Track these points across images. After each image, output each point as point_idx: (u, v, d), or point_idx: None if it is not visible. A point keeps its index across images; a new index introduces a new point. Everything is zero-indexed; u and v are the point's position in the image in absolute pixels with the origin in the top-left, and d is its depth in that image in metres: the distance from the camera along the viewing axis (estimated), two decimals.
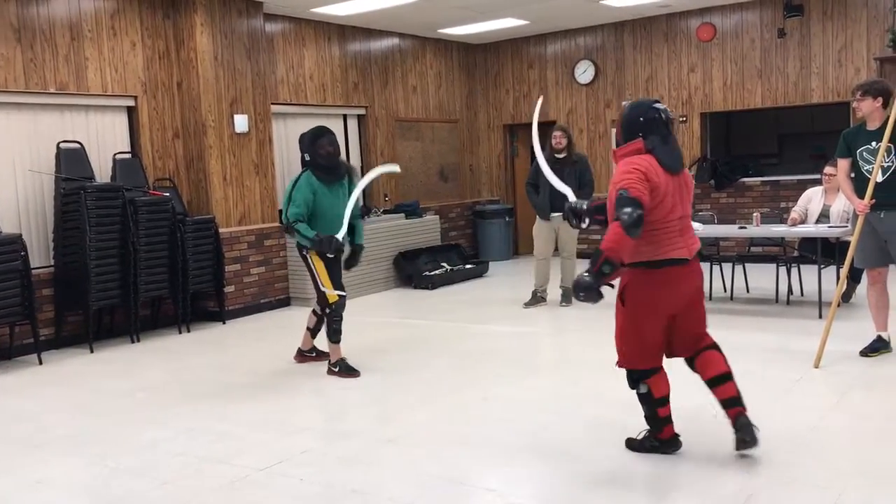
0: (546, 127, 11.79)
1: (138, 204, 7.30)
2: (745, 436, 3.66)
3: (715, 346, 3.83)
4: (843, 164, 5.49)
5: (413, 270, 9.78)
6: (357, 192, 5.69)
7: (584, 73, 11.37)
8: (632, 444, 3.97)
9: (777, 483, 3.53)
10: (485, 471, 3.91)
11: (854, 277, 7.24)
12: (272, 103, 8.89)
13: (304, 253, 5.68)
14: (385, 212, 10.19)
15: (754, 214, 7.72)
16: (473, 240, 12.01)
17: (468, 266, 10.45)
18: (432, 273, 9.85)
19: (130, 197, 7.29)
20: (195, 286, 7.77)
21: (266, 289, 8.67)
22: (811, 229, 7.05)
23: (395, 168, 6.05)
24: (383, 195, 10.51)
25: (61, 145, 7.26)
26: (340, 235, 5.53)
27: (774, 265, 7.61)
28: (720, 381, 3.76)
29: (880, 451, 3.86)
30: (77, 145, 7.36)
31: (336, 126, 10.06)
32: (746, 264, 7.99)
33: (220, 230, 8.07)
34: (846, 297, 7.28)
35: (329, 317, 5.70)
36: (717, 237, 8.07)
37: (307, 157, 5.68)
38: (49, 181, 7.27)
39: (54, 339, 7.14)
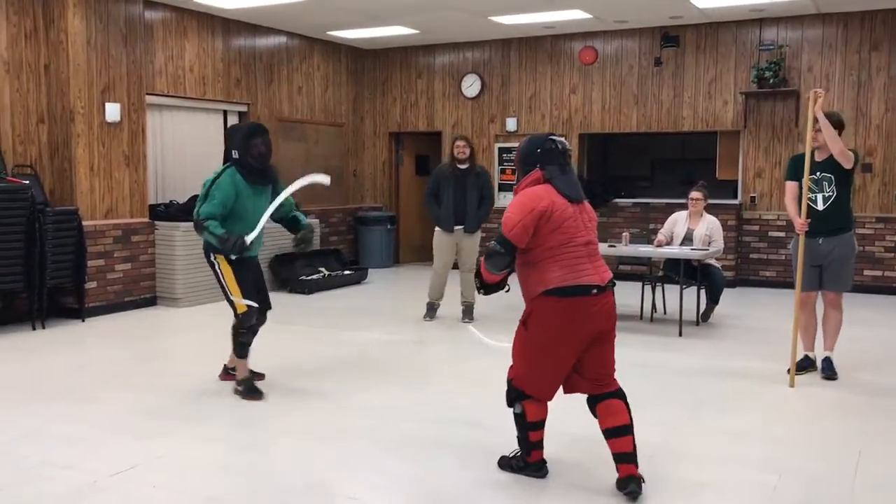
0: (433, 136, 11.94)
1: None
2: (632, 496, 3.52)
3: (620, 394, 3.67)
4: (791, 186, 5.59)
5: (290, 274, 9.61)
6: (282, 197, 5.06)
7: (471, 86, 11.52)
8: (501, 462, 3.90)
9: (621, 496, 3.64)
10: (347, 479, 3.86)
11: (713, 298, 7.64)
12: (148, 93, 8.53)
13: (212, 259, 5.16)
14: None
15: (623, 234, 8.02)
16: (354, 246, 11.92)
17: (347, 272, 10.36)
18: (309, 278, 9.70)
19: None
20: (53, 281, 7.33)
21: (131, 287, 8.28)
22: (675, 251, 7.38)
23: (326, 180, 5.07)
24: None
25: None
26: (250, 238, 4.99)
27: (640, 283, 7.92)
28: (619, 433, 3.58)
29: (727, 465, 4.06)
30: None
31: (215, 122, 9.78)
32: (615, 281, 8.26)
33: (84, 223, 7.65)
34: (705, 316, 7.65)
35: (235, 329, 5.17)
36: None
37: (235, 155, 5.07)
38: None
39: None
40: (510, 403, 3.75)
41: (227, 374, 5.51)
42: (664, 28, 10.22)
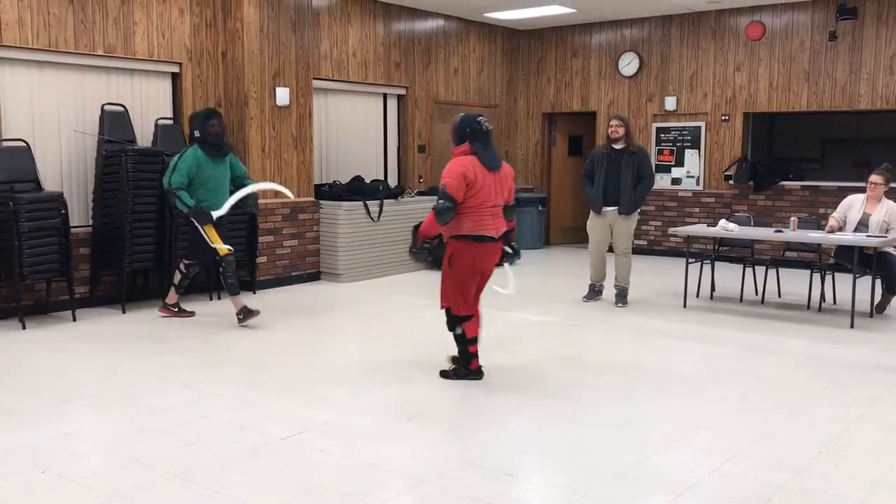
0: (587, 117, 11.79)
1: None
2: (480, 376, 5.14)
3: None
4: None
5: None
6: (245, 192, 6.69)
7: (629, 65, 11.26)
8: (444, 374, 5.16)
9: (793, 490, 3.51)
10: (504, 455, 3.93)
11: (890, 289, 7.14)
12: (314, 78, 8.93)
13: (192, 219, 6.52)
14: (419, 193, 10.20)
15: (792, 219, 7.62)
16: None
17: None
18: None
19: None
20: None
21: (297, 262, 8.75)
22: (849, 237, 6.94)
23: (289, 194, 7.13)
24: (418, 177, 10.53)
25: (106, 107, 7.38)
26: (216, 214, 6.48)
27: (808, 271, 7.51)
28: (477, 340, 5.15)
29: None
30: (121, 108, 7.47)
31: (376, 105, 10.09)
32: (780, 269, 7.90)
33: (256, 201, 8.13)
34: (880, 308, 7.18)
35: (223, 274, 6.57)
36: (752, 239, 7.98)
37: (197, 134, 6.55)
38: (92, 142, 7.39)
39: (89, 297, 7.29)
40: (451, 329, 5.05)
41: (167, 309, 6.94)
42: None
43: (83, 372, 5.37)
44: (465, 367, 5.12)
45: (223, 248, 6.51)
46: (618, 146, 7.39)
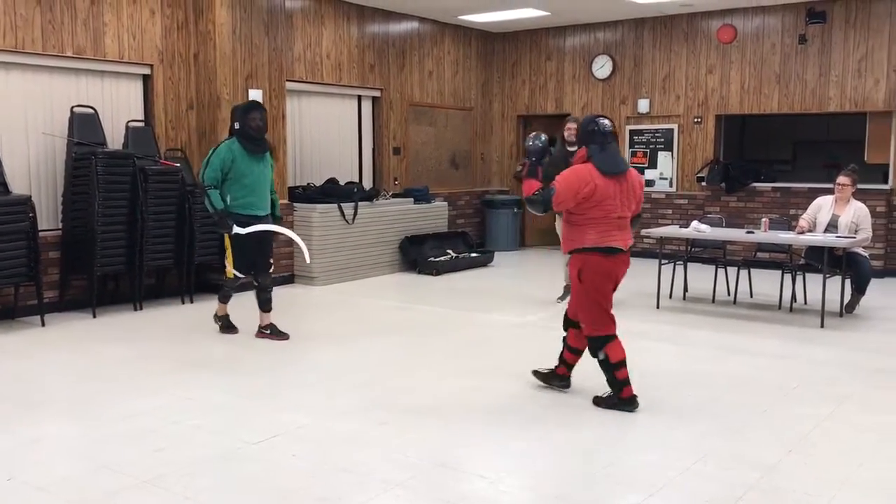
0: (562, 119, 11.81)
1: (148, 173, 7.31)
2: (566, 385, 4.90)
3: None
4: None
5: (418, 255, 9.79)
6: (275, 228, 6.28)
7: (602, 67, 11.32)
8: (596, 401, 4.65)
9: (764, 489, 3.54)
10: (477, 457, 3.93)
11: (859, 289, 7.24)
12: (287, 80, 8.89)
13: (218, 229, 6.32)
14: (394, 195, 10.19)
15: (763, 220, 7.71)
16: (481, 229, 12.01)
17: (473, 254, 10.45)
18: (437, 259, 9.86)
19: (141, 165, 7.31)
20: (200, 258, 7.79)
21: None
22: (819, 238, 7.03)
23: (307, 257, 6.52)
24: (393, 179, 10.51)
25: (75, 110, 7.29)
26: (237, 230, 6.00)
27: (780, 272, 7.59)
28: (581, 353, 4.85)
29: (873, 462, 3.87)
30: (91, 110, 7.38)
31: (350, 107, 10.06)
32: (752, 269, 7.98)
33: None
34: (850, 307, 7.27)
35: (223, 283, 6.44)
36: (724, 241, 8.05)
37: (237, 126, 6.08)
38: (61, 145, 7.30)
39: (58, 301, 7.19)
40: (594, 354, 4.59)
41: (261, 332, 6.39)
42: (809, 3, 9.68)
43: (52, 378, 5.29)
44: (615, 395, 4.58)
45: (230, 271, 6.24)
46: (573, 148, 7.45)
